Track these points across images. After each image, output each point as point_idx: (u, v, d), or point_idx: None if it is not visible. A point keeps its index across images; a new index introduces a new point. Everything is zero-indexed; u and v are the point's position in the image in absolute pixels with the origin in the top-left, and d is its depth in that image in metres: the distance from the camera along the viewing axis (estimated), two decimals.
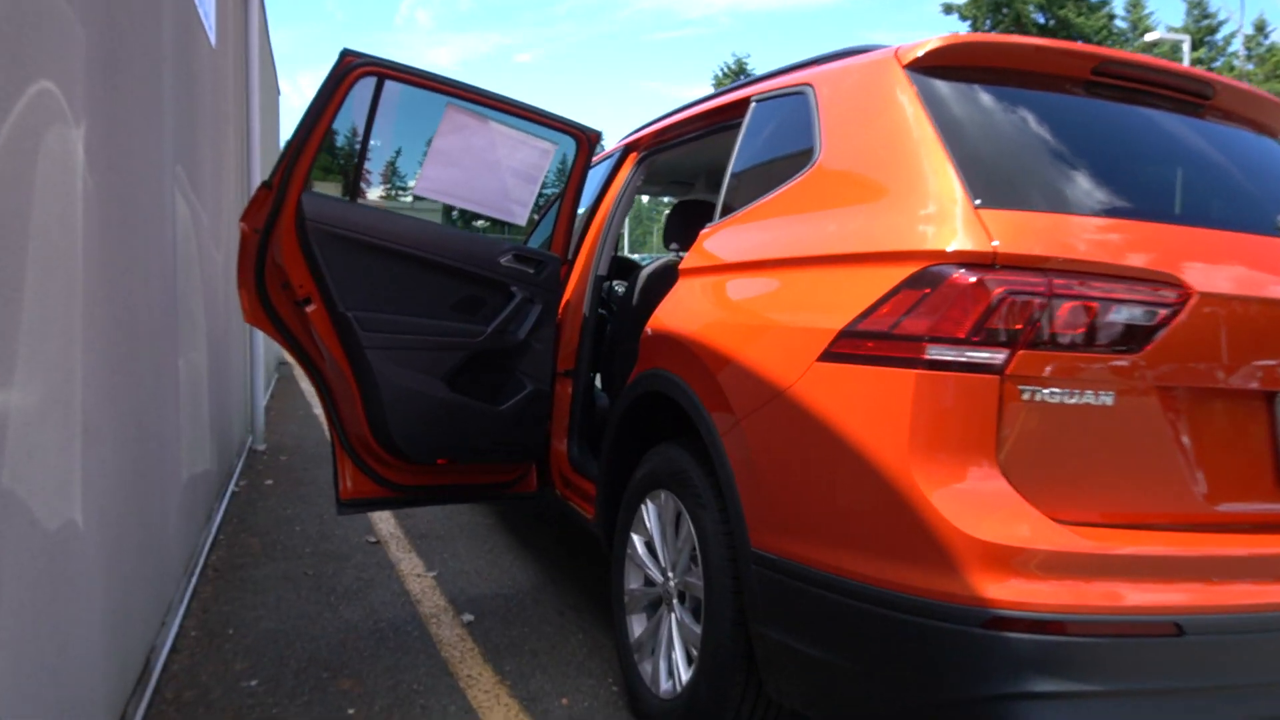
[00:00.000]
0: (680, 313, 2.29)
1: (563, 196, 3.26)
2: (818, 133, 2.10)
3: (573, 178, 3.21)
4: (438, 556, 3.72)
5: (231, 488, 4.62)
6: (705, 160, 3.68)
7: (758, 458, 1.83)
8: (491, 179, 3.00)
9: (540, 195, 3.24)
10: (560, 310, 3.27)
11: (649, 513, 2.39)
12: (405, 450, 2.89)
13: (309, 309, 2.71)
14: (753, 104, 2.52)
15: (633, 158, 3.45)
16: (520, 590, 3.38)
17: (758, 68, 33.27)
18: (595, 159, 3.58)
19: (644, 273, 3.43)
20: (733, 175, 2.46)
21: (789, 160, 2.20)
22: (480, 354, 3.00)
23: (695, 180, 4.11)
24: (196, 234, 3.41)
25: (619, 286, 4.12)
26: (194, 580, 3.19)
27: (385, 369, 2.79)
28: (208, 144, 3.81)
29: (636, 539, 2.46)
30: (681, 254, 3.54)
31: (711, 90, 3.39)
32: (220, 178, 4.29)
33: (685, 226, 3.41)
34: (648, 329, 2.41)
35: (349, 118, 2.60)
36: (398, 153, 3.01)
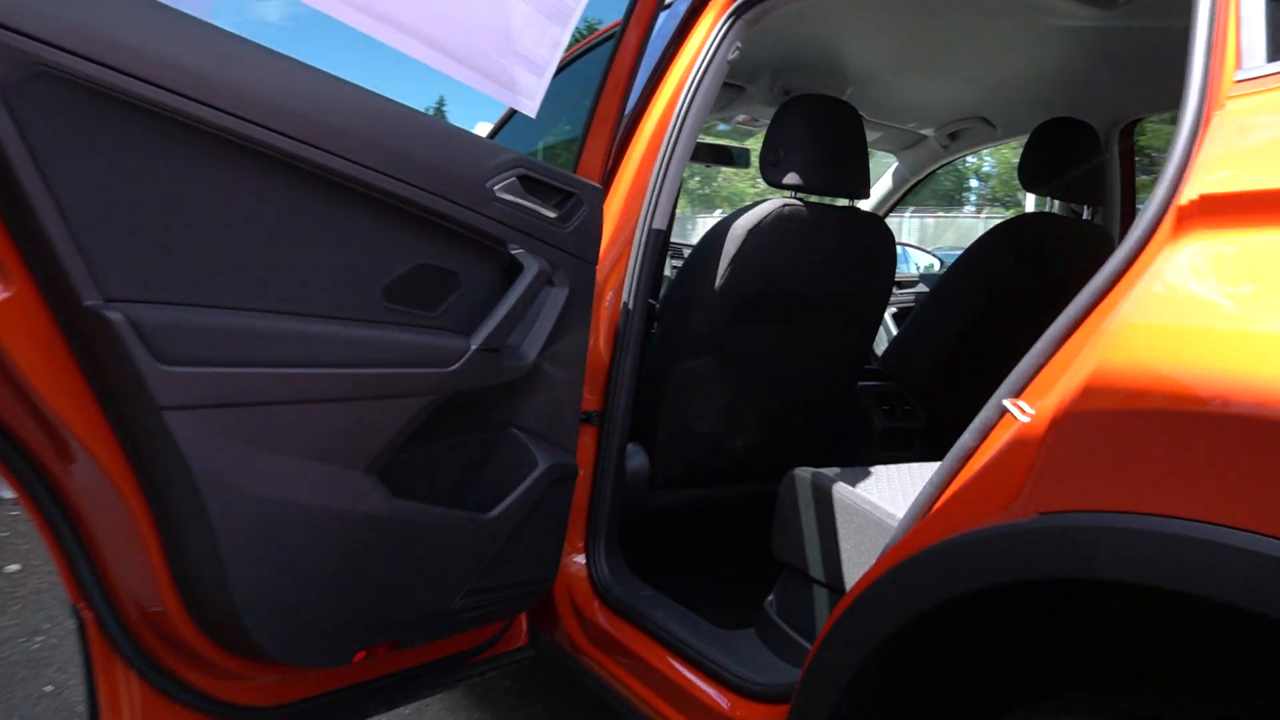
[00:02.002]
0: None
1: (608, 68, 1.58)
2: None
3: (631, 30, 1.54)
4: None
5: None
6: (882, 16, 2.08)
7: None
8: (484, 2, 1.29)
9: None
10: None
11: None
12: (266, 644, 1.17)
13: None
14: None
15: (718, 11, 1.80)
16: None
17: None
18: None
19: (737, 227, 1.80)
20: None
21: None
22: (452, 402, 1.31)
23: (757, 77, 2.49)
24: None
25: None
26: None
27: (217, 456, 1.05)
28: None
29: None
30: (797, 198, 1.95)
31: None
32: None
33: (817, 139, 1.82)
34: (1087, 394, 0.78)
35: None
36: None
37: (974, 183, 28.67)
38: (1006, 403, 0.94)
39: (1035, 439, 0.84)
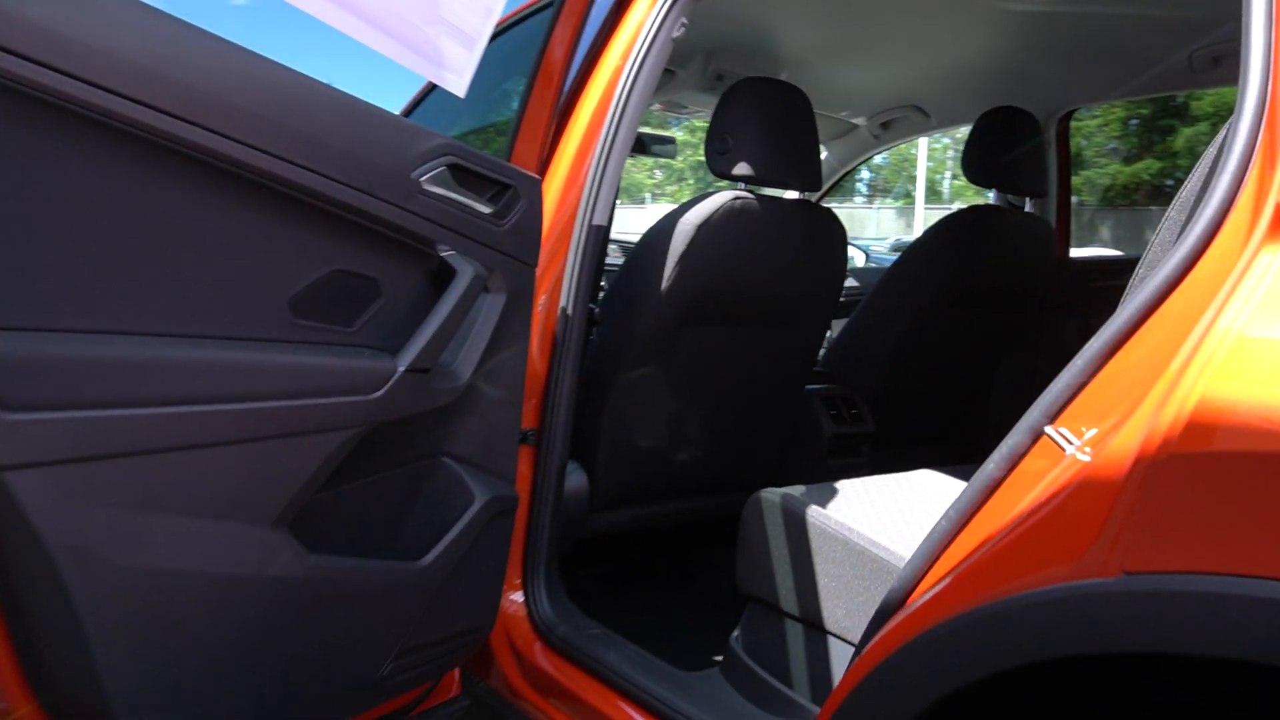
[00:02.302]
0: None
1: (544, 44, 1.39)
2: None
3: (570, 2, 1.36)
4: None
5: None
6: None
7: None
8: None
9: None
10: None
11: None
12: None
13: None
14: None
15: None
16: None
17: None
18: None
19: (684, 223, 1.64)
20: None
21: None
22: (376, 433, 1.10)
23: (689, 60, 2.32)
24: None
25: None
26: None
27: (80, 523, 0.83)
28: None
29: None
30: (748, 191, 1.80)
31: None
32: None
33: (769, 125, 1.68)
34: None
35: None
36: None
37: (865, 173, 29.39)
38: (1049, 430, 0.81)
39: (1112, 478, 0.70)
